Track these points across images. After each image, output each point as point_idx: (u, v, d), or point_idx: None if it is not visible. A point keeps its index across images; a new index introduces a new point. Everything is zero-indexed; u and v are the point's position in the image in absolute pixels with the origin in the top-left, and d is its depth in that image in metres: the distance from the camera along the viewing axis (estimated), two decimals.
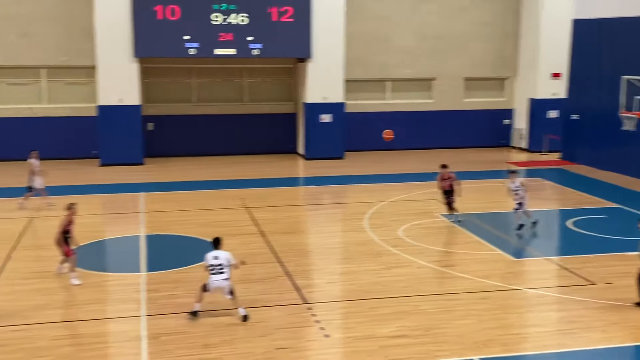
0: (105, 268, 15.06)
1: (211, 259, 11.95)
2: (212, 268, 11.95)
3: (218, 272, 11.92)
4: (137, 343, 11.11)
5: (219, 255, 11.97)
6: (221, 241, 12.15)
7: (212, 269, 11.95)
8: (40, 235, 17.30)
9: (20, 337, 11.25)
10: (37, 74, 27.57)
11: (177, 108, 28.97)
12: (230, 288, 11.99)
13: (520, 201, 17.27)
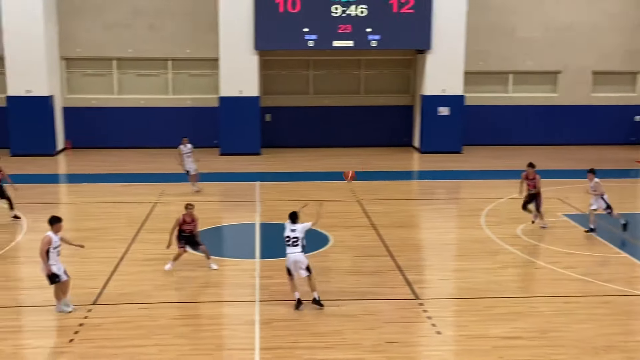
0: (222, 253, 15.53)
1: (288, 231, 12.12)
2: (287, 240, 12.11)
3: (293, 244, 12.06)
4: (250, 327, 11.41)
5: (296, 227, 12.10)
6: (298, 215, 12.25)
7: (287, 240, 12.10)
8: (163, 219, 18.06)
9: (142, 315, 11.83)
10: (164, 66, 28.78)
11: (293, 100, 29.40)
12: (307, 264, 12.07)
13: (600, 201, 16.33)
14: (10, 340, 10.84)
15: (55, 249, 11.65)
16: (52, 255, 11.61)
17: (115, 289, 13.03)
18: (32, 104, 26.37)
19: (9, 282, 13.47)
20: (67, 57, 28.18)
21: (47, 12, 26.43)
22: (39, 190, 21.17)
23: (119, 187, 21.64)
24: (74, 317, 11.66)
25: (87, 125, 28.47)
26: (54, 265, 11.65)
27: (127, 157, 26.98)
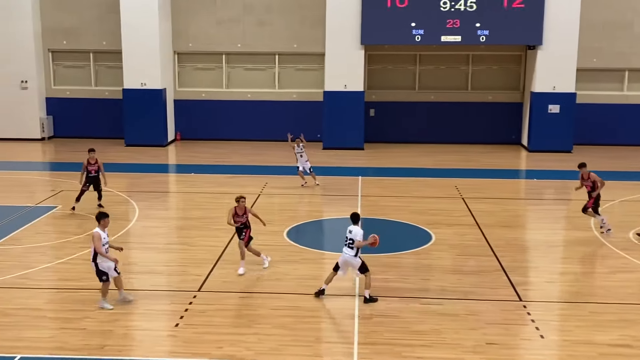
0: (322, 246, 15.67)
1: (347, 231, 12.18)
2: (345, 239, 12.17)
3: (348, 246, 12.14)
4: (350, 321, 11.45)
5: (353, 229, 12.11)
6: (359, 217, 12.27)
7: (345, 240, 12.17)
8: (266, 211, 18.40)
9: (244, 304, 12.12)
10: (271, 61, 29.29)
11: (398, 95, 29.21)
12: (359, 266, 12.14)
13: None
14: (122, 322, 11.37)
15: (103, 245, 11.73)
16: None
17: (219, 277, 13.40)
18: (146, 96, 27.51)
19: (121, 266, 14.09)
20: (179, 52, 29.20)
21: (162, 8, 27.46)
22: (150, 180, 22.06)
23: (224, 178, 22.23)
24: (179, 303, 12.09)
25: (196, 118, 29.41)
26: (104, 262, 11.73)
27: (233, 149, 27.67)
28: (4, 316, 11.46)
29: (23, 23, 27.99)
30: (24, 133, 28.62)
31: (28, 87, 28.48)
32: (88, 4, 28.59)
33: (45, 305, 12.05)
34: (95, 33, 28.75)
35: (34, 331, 10.94)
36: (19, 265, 13.94)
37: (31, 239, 15.63)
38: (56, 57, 29.35)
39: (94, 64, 29.36)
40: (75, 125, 29.33)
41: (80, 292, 12.56)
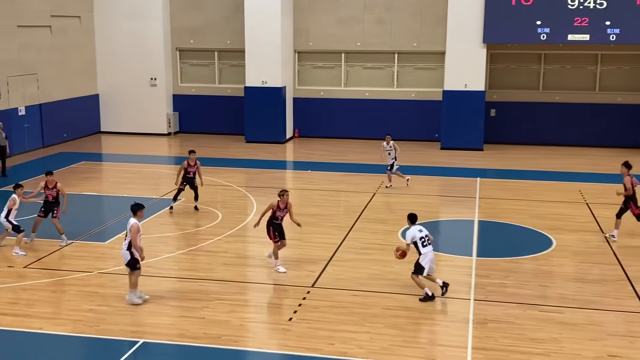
0: (437, 247, 15.41)
1: (417, 232, 12.16)
2: (422, 240, 12.14)
3: (428, 243, 12.17)
4: (463, 325, 11.22)
5: (422, 228, 12.23)
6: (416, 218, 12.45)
7: (422, 240, 12.14)
8: (381, 210, 18.37)
9: (356, 302, 12.14)
10: (390, 59, 29.18)
11: (521, 95, 28.31)
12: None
13: None
14: (238, 313, 11.69)
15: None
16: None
17: (332, 274, 13.49)
18: (267, 94, 28.15)
19: (238, 259, 14.52)
20: (299, 51, 29.67)
21: (284, 9, 27.99)
22: (268, 176, 22.54)
23: (340, 176, 22.37)
24: (294, 297, 12.28)
25: (314, 115, 29.78)
26: (136, 252, 11.80)
27: (350, 147, 27.80)
28: None
29: (154, 23, 29.37)
30: (152, 128, 30.04)
31: (157, 85, 29.86)
32: (215, 5, 29.60)
33: (168, 294, 12.57)
34: (220, 32, 29.73)
35: (157, 318, 11.44)
36: (145, 254, 14.60)
37: (156, 230, 16.36)
38: (183, 56, 30.60)
39: (218, 62, 30.36)
40: (199, 121, 30.46)
41: (200, 282, 13.02)
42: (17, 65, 25.08)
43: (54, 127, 27.30)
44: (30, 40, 25.76)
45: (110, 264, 13.97)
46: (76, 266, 13.78)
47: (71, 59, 28.35)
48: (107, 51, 29.83)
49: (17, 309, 11.70)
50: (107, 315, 11.50)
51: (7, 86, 24.36)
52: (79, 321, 11.24)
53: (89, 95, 29.73)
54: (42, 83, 26.58)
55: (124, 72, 29.80)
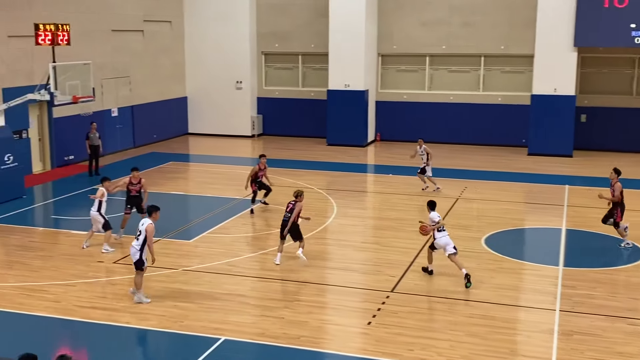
0: (521, 256, 15.03)
1: (437, 217, 13.27)
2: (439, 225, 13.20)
3: (443, 229, 13.22)
4: (547, 336, 10.87)
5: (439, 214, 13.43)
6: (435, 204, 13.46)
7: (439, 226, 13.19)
8: (463, 215, 18.04)
9: (437, 309, 11.97)
10: (476, 62, 28.69)
11: (614, 100, 27.24)
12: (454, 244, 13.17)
13: None
14: (317, 315, 11.73)
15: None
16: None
17: (412, 279, 13.35)
18: (349, 97, 28.18)
19: (317, 261, 14.57)
20: (383, 54, 29.57)
21: (369, 12, 27.97)
22: (349, 179, 22.55)
23: (421, 181, 22.06)
24: (372, 302, 12.21)
25: (396, 119, 29.60)
26: (144, 253, 11.92)
27: (433, 151, 27.39)
28: (213, 299, 12.30)
29: (241, 28, 29.92)
30: (237, 130, 30.60)
31: (242, 88, 30.41)
32: (300, 8, 29.90)
33: (249, 293, 12.75)
34: (304, 36, 30.00)
35: (238, 316, 11.62)
36: (227, 253, 14.90)
37: (238, 229, 16.64)
38: (268, 59, 31.03)
39: (302, 66, 30.64)
40: (282, 124, 30.81)
41: (281, 282, 13.14)
42: (110, 68, 26.07)
43: (144, 128, 28.21)
44: (123, 44, 26.72)
45: (194, 262, 14.30)
46: (162, 263, 14.17)
47: (161, 63, 29.25)
48: (196, 55, 30.61)
49: (106, 303, 12.12)
50: (191, 311, 11.76)
51: (102, 88, 25.35)
52: (163, 316, 11.54)
53: (178, 97, 30.59)
54: (134, 85, 27.53)
55: (211, 76, 30.50)
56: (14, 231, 16.42)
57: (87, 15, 24.57)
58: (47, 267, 13.91)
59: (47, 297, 12.32)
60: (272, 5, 30.19)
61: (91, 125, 22.54)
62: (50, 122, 23.20)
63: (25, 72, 21.82)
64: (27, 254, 14.81)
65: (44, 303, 12.04)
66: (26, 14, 21.64)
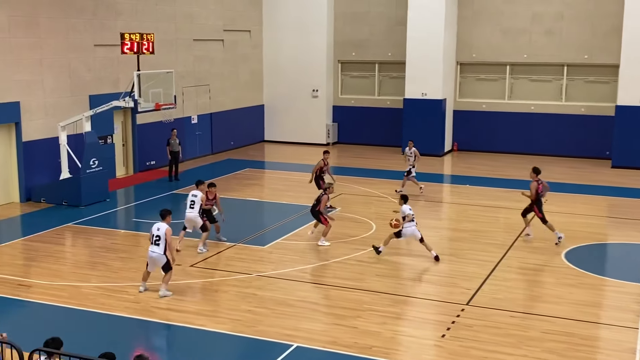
0: (603, 272, 14.51)
1: (408, 209, 14.98)
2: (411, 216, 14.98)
3: (412, 219, 14.95)
4: (630, 356, 10.45)
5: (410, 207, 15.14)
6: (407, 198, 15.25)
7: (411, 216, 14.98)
8: (543, 229, 17.57)
9: (513, 324, 11.67)
10: (558, 72, 27.96)
11: None
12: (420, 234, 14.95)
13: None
14: (390, 325, 11.63)
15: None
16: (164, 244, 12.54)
17: (489, 293, 13.08)
18: (426, 106, 27.93)
19: (390, 271, 14.48)
20: (462, 62, 29.20)
21: (448, 20, 27.69)
22: (424, 189, 22.33)
23: (499, 192, 21.69)
24: (447, 314, 12.03)
25: (475, 129, 29.15)
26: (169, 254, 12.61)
27: (511, 162, 26.91)
28: (286, 306, 12.39)
29: (318, 37, 30.14)
30: (312, 138, 30.79)
31: (318, 96, 30.61)
32: (378, 17, 29.89)
33: (321, 300, 12.78)
34: (382, 45, 29.96)
35: (310, 323, 11.66)
36: (300, 260, 14.99)
37: (312, 237, 16.70)
38: (344, 68, 31.13)
39: (378, 74, 30.60)
40: (357, 132, 30.82)
41: (353, 291, 13.11)
42: (191, 77, 26.72)
43: (222, 135, 28.76)
44: (204, 53, 27.35)
45: (268, 268, 14.45)
46: (237, 267, 14.38)
47: (240, 71, 29.78)
48: (273, 63, 31.02)
49: (182, 305, 12.39)
50: (264, 317, 11.88)
51: (182, 96, 26.00)
52: (237, 321, 11.70)
53: (255, 105, 31.06)
54: (213, 93, 28.12)
55: (288, 84, 30.84)
56: (97, 233, 17.02)
57: (171, 25, 25.29)
58: (127, 269, 14.34)
59: (126, 297, 12.70)
60: (349, 14, 30.30)
61: (172, 132, 23.15)
62: (134, 128, 23.96)
63: (111, 79, 22.63)
64: (109, 255, 15.31)
65: (124, 303, 12.41)
66: (112, 23, 22.45)
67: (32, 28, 19.70)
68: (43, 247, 15.83)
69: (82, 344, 9.89)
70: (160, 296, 12.68)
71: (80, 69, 21.45)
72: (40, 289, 13.13)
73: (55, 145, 20.03)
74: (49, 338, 7.65)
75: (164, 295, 12.70)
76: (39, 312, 12.19)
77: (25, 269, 14.43)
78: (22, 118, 19.51)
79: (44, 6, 20.04)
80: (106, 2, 22.26)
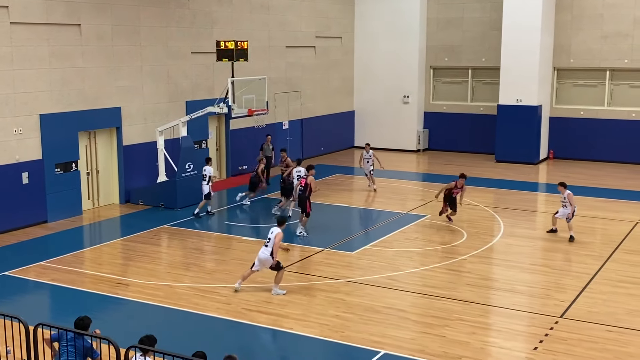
0: None
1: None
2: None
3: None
4: None
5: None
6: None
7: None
8: None
9: (610, 338, 11.21)
10: (602, 77, 27.05)
11: None
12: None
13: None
14: (479, 336, 11.40)
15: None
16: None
17: (584, 306, 12.61)
18: (521, 112, 27.25)
19: (481, 280, 14.19)
20: (559, 68, 28.35)
21: (545, 24, 26.94)
22: (518, 197, 21.79)
23: (597, 202, 20.89)
24: (540, 326, 11.69)
25: (572, 136, 28.22)
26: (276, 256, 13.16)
27: (610, 171, 25.86)
28: (373, 312, 12.36)
29: (410, 42, 29.97)
30: (402, 144, 30.63)
31: (409, 102, 30.41)
32: (472, 22, 29.45)
33: (410, 308, 12.67)
34: (475, 50, 29.49)
35: (398, 331, 11.58)
36: (389, 267, 14.92)
37: (401, 244, 16.61)
38: (437, 74, 30.82)
39: (471, 80, 30.12)
40: (448, 139, 30.44)
41: (442, 300, 12.94)
42: (283, 83, 27.13)
43: (312, 141, 29.03)
44: (296, 60, 27.72)
45: (356, 274, 14.46)
46: (326, 272, 14.46)
47: (331, 77, 29.99)
48: (364, 69, 31.08)
49: (271, 308, 12.57)
50: (352, 322, 11.89)
51: (274, 102, 26.43)
52: (325, 325, 11.77)
53: (346, 111, 31.19)
54: (305, 99, 28.44)
55: (379, 90, 30.81)
56: (191, 235, 17.52)
57: (264, 33, 25.77)
58: (219, 270, 14.69)
59: (218, 298, 13.00)
60: (442, 19, 30.00)
61: (266, 138, 23.55)
62: (227, 134, 24.54)
63: (206, 86, 23.28)
64: (203, 256, 15.73)
65: (215, 304, 12.71)
66: (208, 31, 23.10)
67: (133, 36, 20.51)
68: (140, 247, 16.43)
69: (175, 342, 10.19)
70: (273, 294, 13.07)
71: (177, 76, 22.18)
72: (137, 288, 13.63)
73: (153, 150, 20.78)
74: (143, 336, 7.94)
75: (277, 294, 13.07)
76: (136, 310, 12.65)
77: (123, 268, 15.02)
78: (122, 123, 20.35)
79: (145, 16, 20.84)
80: (203, 11, 22.93)
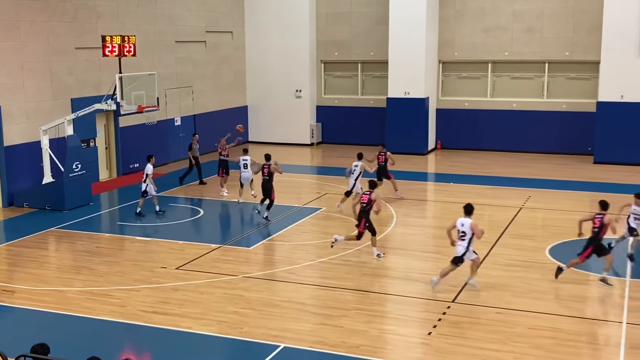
0: (587, 267, 14.61)
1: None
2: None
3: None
4: (615, 349, 10.55)
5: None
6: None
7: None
8: (527, 225, 17.69)
9: (499, 320, 11.73)
10: (540, 69, 28.15)
11: None
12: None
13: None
14: (376, 324, 11.65)
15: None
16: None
17: (474, 290, 13.13)
18: (409, 105, 28.02)
19: (377, 270, 14.51)
20: (444, 61, 29.32)
21: (429, 19, 27.78)
22: (409, 187, 22.38)
23: (484, 189, 21.79)
24: (433, 312, 12.08)
25: (458, 127, 29.28)
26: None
27: (495, 159, 27.06)
28: (272, 307, 12.37)
29: (300, 37, 30.15)
30: (296, 138, 30.79)
31: (302, 96, 30.60)
32: (360, 17, 29.94)
33: (308, 300, 12.77)
34: (364, 44, 30.02)
35: (297, 323, 11.65)
36: (286, 261, 14.98)
37: (298, 237, 16.70)
38: (327, 68, 31.16)
39: (361, 74, 30.65)
40: (341, 132, 30.86)
41: (340, 290, 13.12)
42: (174, 79, 26.62)
43: (206, 137, 28.60)
44: (186, 55, 27.26)
45: (255, 269, 14.42)
46: (223, 269, 14.34)
47: (223, 72, 29.70)
48: (256, 64, 30.99)
49: (168, 308, 12.33)
50: (251, 318, 11.85)
51: (165, 98, 25.89)
52: (224, 322, 11.67)
53: (239, 106, 31.00)
54: (197, 95, 28.03)
55: (271, 84, 30.81)
56: (81, 237, 16.90)
57: (152, 27, 25.17)
58: (112, 272, 14.26)
59: (112, 301, 12.62)
60: (331, 14, 30.33)
61: (193, 137, 22.99)
62: (117, 131, 23.82)
63: (93, 82, 22.48)
64: (94, 259, 15.21)
65: (109, 307, 12.33)
66: (93, 26, 22.31)
67: (12, 31, 19.52)
68: (26, 252, 15.70)
69: (69, 349, 9.81)
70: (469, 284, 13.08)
71: (61, 72, 21.30)
72: (24, 295, 13.01)
73: (38, 150, 19.88)
74: (36, 344, 7.57)
75: (473, 285, 13.05)
76: (24, 318, 12.09)
77: (8, 274, 14.30)
78: (3, 122, 19.34)
79: (25, 9, 19.87)
80: (87, 4, 22.12)
